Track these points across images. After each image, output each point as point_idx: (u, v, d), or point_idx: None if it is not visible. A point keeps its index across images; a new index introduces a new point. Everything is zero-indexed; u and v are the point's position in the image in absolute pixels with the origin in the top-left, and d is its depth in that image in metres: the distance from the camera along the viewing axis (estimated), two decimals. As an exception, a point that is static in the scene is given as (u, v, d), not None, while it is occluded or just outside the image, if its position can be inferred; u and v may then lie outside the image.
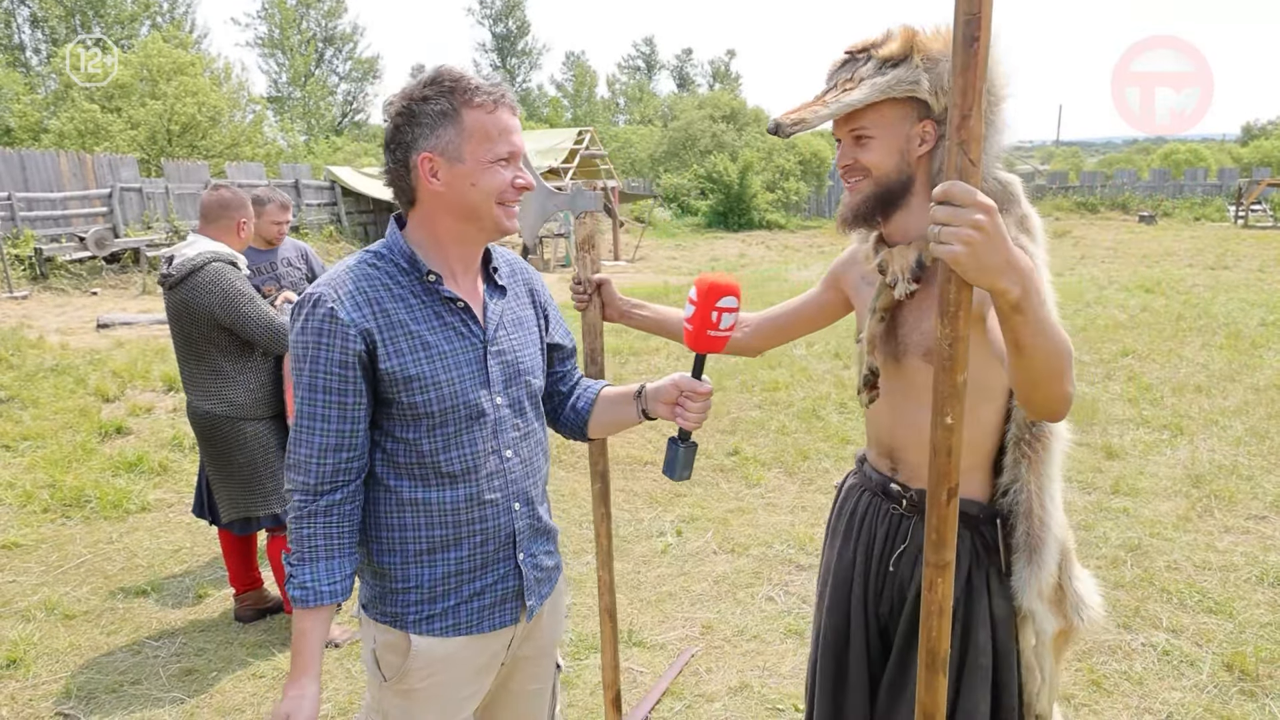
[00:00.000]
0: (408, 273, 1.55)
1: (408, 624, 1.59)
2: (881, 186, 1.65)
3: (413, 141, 1.49)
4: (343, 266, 1.54)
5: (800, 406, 6.91)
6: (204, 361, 3.34)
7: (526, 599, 1.69)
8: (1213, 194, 31.36)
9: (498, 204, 1.53)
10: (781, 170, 29.33)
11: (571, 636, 3.59)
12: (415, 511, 1.57)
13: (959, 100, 1.09)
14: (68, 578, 4.20)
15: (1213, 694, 3.11)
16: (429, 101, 1.47)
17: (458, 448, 1.57)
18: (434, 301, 1.56)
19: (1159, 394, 7.09)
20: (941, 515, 1.25)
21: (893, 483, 1.82)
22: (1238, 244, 20.23)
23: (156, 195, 16.61)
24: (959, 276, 1.16)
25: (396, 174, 1.54)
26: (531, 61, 62.70)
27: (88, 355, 8.65)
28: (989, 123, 1.60)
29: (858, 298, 1.91)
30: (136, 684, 3.32)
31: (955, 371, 1.18)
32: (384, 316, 1.50)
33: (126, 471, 5.53)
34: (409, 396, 1.52)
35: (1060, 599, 1.75)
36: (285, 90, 47.66)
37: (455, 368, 1.55)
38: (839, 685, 1.89)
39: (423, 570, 1.59)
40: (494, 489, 1.62)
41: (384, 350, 1.49)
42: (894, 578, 1.81)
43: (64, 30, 34.33)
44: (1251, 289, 12.81)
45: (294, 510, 1.53)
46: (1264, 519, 4.64)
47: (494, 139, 1.50)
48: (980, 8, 1.05)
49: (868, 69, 1.58)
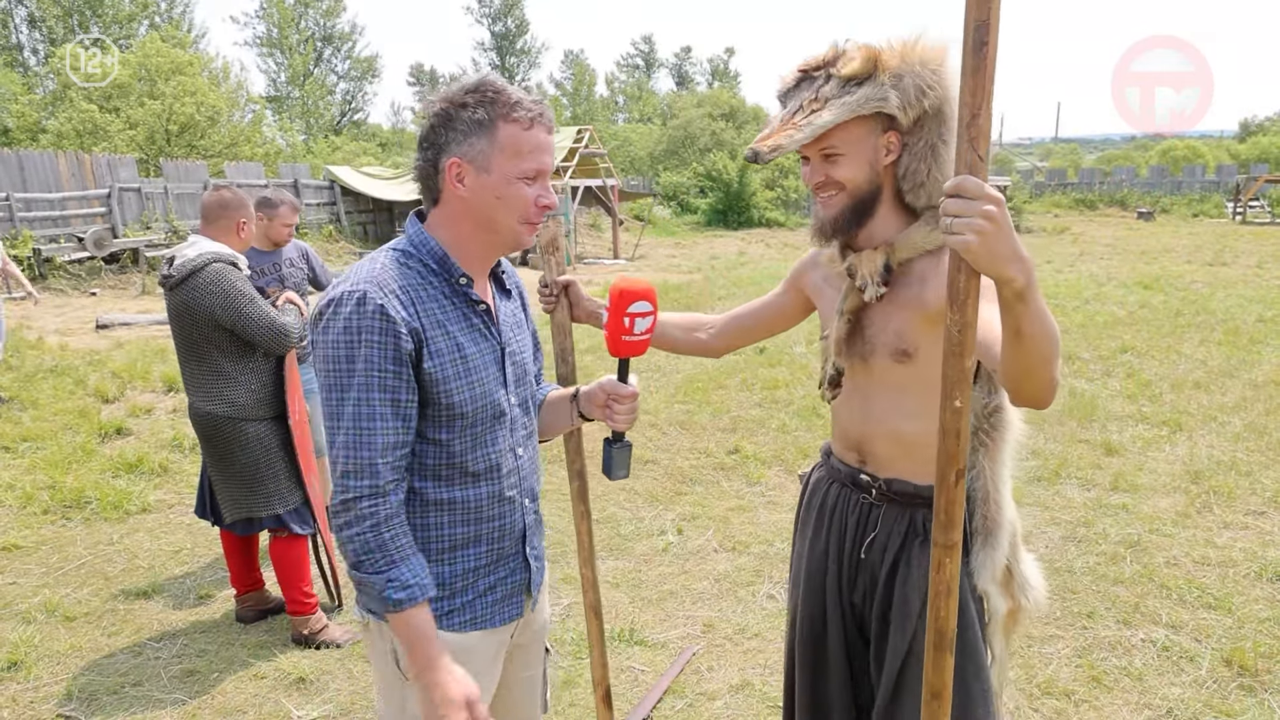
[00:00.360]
0: (437, 273, 1.57)
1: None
2: (855, 199, 1.72)
3: (445, 144, 1.51)
4: (377, 264, 1.54)
5: (800, 404, 6.92)
6: (205, 362, 3.34)
7: (533, 590, 1.77)
8: (1211, 190, 31.43)
9: (520, 221, 1.56)
10: (780, 168, 29.33)
11: (573, 635, 3.59)
12: (439, 511, 1.60)
13: (968, 100, 1.15)
14: (68, 579, 4.20)
15: (1212, 689, 3.12)
16: (467, 109, 1.49)
17: (483, 447, 1.61)
18: (462, 303, 1.59)
19: (1158, 390, 7.10)
20: (950, 497, 1.29)
21: (862, 473, 1.89)
22: (1236, 240, 20.26)
23: (155, 195, 16.61)
24: (969, 265, 1.20)
25: (425, 172, 1.56)
26: (530, 60, 62.73)
27: (87, 356, 8.65)
28: (951, 129, 1.67)
29: (820, 299, 1.97)
30: (138, 685, 3.33)
31: (964, 356, 1.23)
32: (428, 316, 1.52)
33: (127, 473, 5.53)
34: (448, 397, 1.53)
35: (1009, 580, 1.85)
36: (284, 89, 47.70)
37: (483, 368, 1.59)
38: (819, 672, 1.98)
39: (443, 569, 1.62)
40: (512, 486, 1.68)
41: (427, 350, 1.51)
42: (866, 565, 1.88)
43: (62, 30, 34.32)
44: (1249, 285, 12.83)
45: (365, 517, 1.47)
46: (1263, 514, 4.64)
47: (524, 155, 1.51)
48: (989, 14, 1.11)
49: (831, 88, 1.63)
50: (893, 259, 1.71)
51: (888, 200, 1.73)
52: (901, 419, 1.80)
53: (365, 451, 1.47)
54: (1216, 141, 48.38)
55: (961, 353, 1.23)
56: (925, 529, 1.81)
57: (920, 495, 1.82)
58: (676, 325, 2.20)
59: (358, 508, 1.47)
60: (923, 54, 1.62)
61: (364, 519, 1.47)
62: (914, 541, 1.82)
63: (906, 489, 1.83)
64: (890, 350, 1.75)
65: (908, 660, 1.80)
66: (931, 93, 1.62)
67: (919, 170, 1.68)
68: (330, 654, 3.50)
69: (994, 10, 1.11)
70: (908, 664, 1.80)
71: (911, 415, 1.78)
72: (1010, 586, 1.86)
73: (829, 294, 1.91)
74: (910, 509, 1.83)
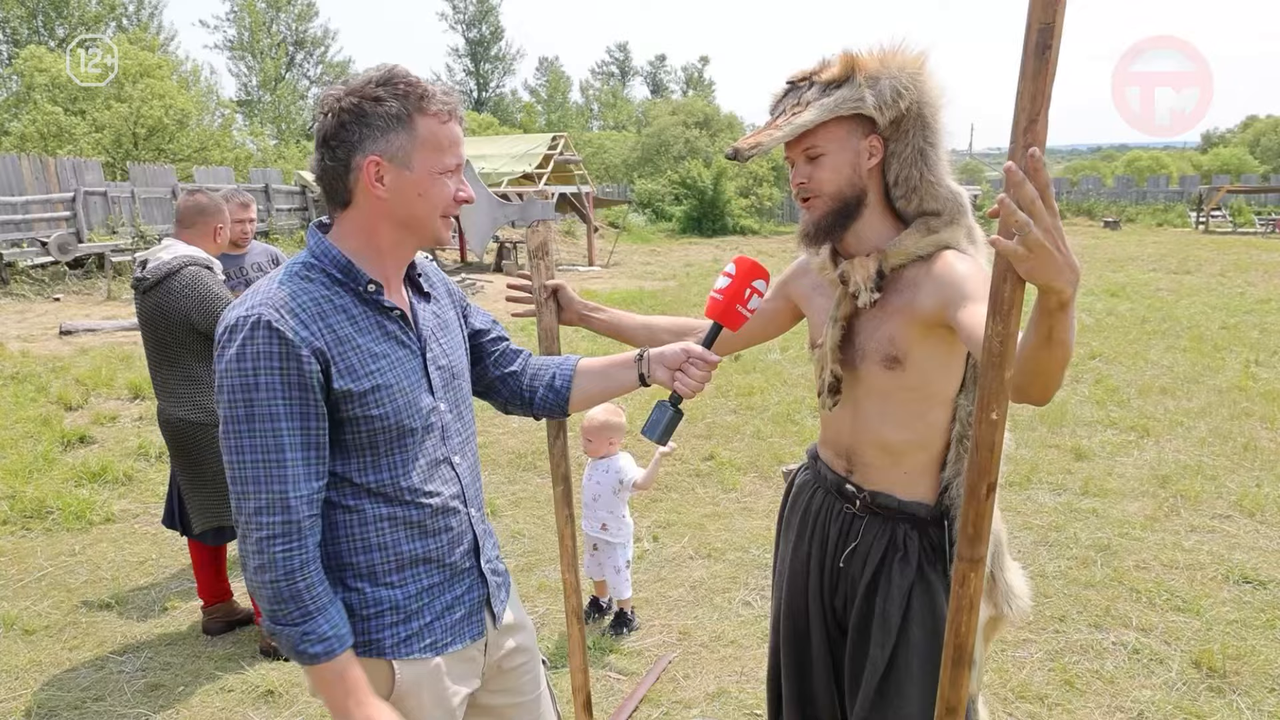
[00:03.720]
0: (343, 283, 1.47)
1: (385, 649, 1.52)
2: (838, 202, 1.74)
3: (359, 142, 1.41)
4: (272, 282, 1.44)
5: (775, 411, 6.93)
6: (177, 367, 3.29)
7: (495, 606, 1.69)
8: (1175, 200, 31.98)
9: (440, 216, 1.50)
10: (755, 176, 29.47)
11: (548, 645, 3.56)
12: (380, 530, 1.51)
13: (1027, 105, 1.09)
14: (28, 591, 4.10)
15: (1182, 691, 3.15)
16: (382, 103, 1.41)
17: (415, 460, 1.53)
18: (374, 312, 1.50)
19: (1125, 396, 7.19)
20: (980, 510, 1.28)
21: (848, 483, 1.90)
22: (1199, 249, 20.63)
23: (122, 199, 16.34)
24: (1014, 275, 1.16)
25: (333, 173, 1.45)
26: (505, 67, 62.63)
27: (49, 362, 8.49)
28: (935, 131, 1.72)
29: (809, 306, 1.98)
30: (100, 700, 3.25)
31: (1004, 368, 1.20)
32: (331, 333, 1.42)
33: (90, 482, 5.42)
34: (365, 411, 1.44)
35: (991, 588, 1.88)
36: (255, 94, 47.19)
37: (404, 377, 1.51)
38: (804, 671, 2.02)
39: (395, 591, 1.53)
40: (453, 496, 1.60)
41: (336, 369, 1.41)
42: (846, 573, 1.90)
43: (26, 31, 33.76)
44: (1213, 293, 13.06)
45: (279, 564, 1.37)
46: (1229, 518, 4.71)
47: (444, 149, 1.46)
48: (1054, 17, 1.06)
49: (812, 93, 1.70)
50: (885, 265, 1.73)
51: (874, 205, 1.76)
52: (889, 427, 1.80)
53: (276, 485, 1.37)
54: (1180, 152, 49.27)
55: (1002, 364, 1.19)
56: (906, 545, 1.82)
57: (904, 511, 1.83)
58: (666, 329, 2.18)
59: (270, 551, 1.37)
60: (902, 60, 1.67)
61: (277, 566, 1.37)
62: (894, 556, 1.83)
63: (890, 503, 1.83)
64: (881, 356, 1.77)
65: (888, 673, 1.80)
66: (908, 94, 1.65)
67: (911, 176, 1.71)
68: (299, 666, 3.44)
69: (1059, 13, 1.06)
70: (888, 677, 1.80)
71: (899, 423, 1.79)
72: (994, 594, 1.87)
73: (819, 302, 1.93)
74: (892, 523, 1.84)
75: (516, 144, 20.51)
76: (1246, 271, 15.81)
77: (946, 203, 1.73)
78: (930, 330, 1.71)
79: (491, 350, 1.83)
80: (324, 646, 1.41)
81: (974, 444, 1.25)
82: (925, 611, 1.80)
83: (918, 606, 1.80)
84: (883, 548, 1.84)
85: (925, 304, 1.68)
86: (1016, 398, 1.44)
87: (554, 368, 1.84)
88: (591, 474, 3.70)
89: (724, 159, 1.82)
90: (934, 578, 1.81)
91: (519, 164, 18.92)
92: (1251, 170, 37.93)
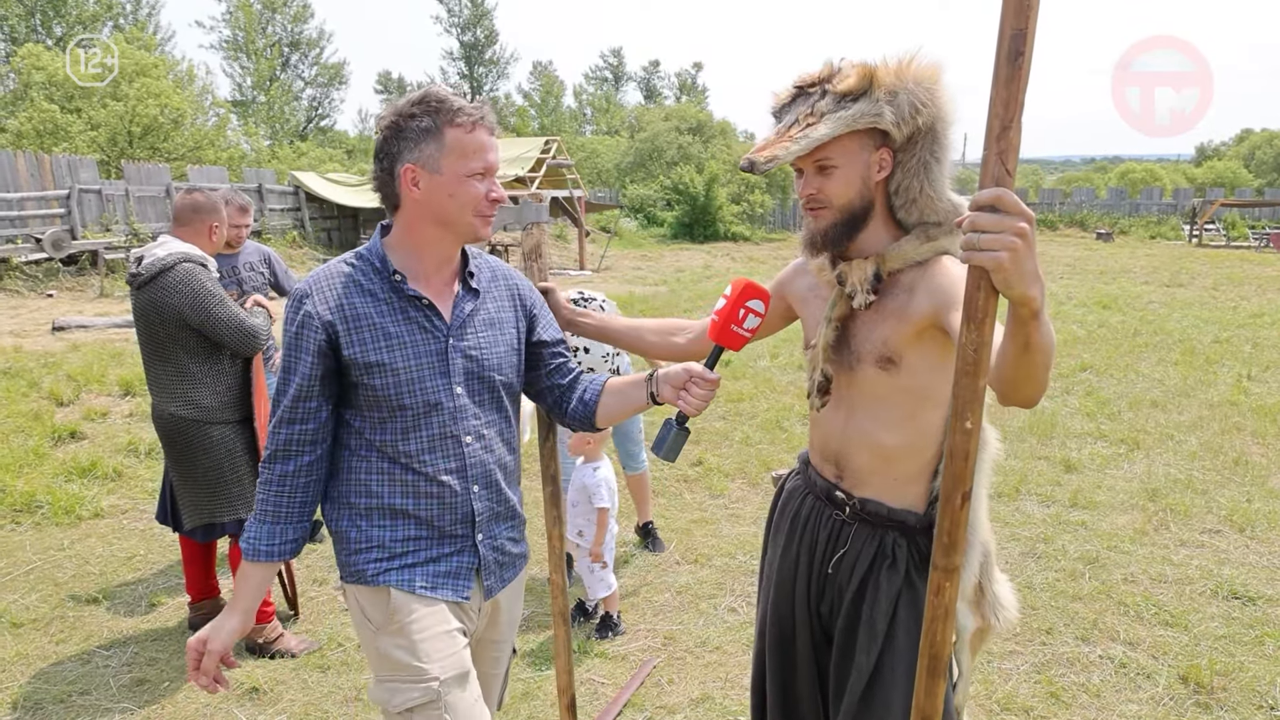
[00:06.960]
0: (379, 272, 1.74)
1: (366, 577, 1.75)
2: (847, 214, 1.75)
3: (398, 153, 1.68)
4: (325, 266, 1.76)
5: (764, 418, 6.94)
6: (171, 363, 3.29)
7: (484, 578, 1.85)
8: (1168, 213, 32.07)
9: (474, 215, 1.71)
10: (747, 183, 29.47)
11: (532, 647, 3.55)
12: (381, 481, 1.75)
13: (1000, 112, 1.11)
14: (16, 585, 4.08)
15: (1169, 706, 3.15)
16: (415, 119, 1.66)
17: (415, 430, 1.74)
18: (400, 298, 1.74)
19: (1116, 409, 7.21)
20: (954, 519, 1.29)
21: (837, 490, 1.90)
22: (1192, 262, 20.71)
23: (116, 197, 16.29)
24: (988, 283, 1.18)
25: (382, 181, 1.73)
26: (499, 70, 62.62)
27: (42, 358, 8.46)
28: (944, 146, 1.71)
29: (805, 308, 1.99)
30: (85, 694, 3.24)
31: (978, 376, 1.21)
32: (350, 309, 1.70)
33: (80, 477, 5.41)
34: (369, 379, 1.70)
35: (979, 599, 1.88)
36: (249, 94, 47.10)
37: (415, 358, 1.73)
38: (788, 677, 2.02)
39: (383, 532, 1.76)
40: (449, 471, 1.77)
41: (346, 340, 1.69)
42: (834, 579, 1.91)
43: (24, 30, 33.68)
44: (1205, 306, 13.11)
45: (260, 473, 1.75)
46: (1218, 533, 4.72)
47: (469, 155, 1.68)
48: (1027, 24, 1.07)
49: (826, 104, 1.67)
50: (883, 268, 1.74)
51: (879, 215, 1.77)
52: (882, 430, 1.81)
53: (270, 421, 1.74)
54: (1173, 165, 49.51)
55: (975, 372, 1.21)
56: (894, 552, 1.83)
57: (893, 519, 1.83)
58: (651, 329, 2.19)
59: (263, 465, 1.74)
60: (917, 72, 1.65)
61: (261, 474, 1.75)
62: (882, 564, 1.83)
63: (880, 510, 1.84)
64: (875, 358, 1.77)
65: (873, 681, 1.81)
66: (925, 110, 1.64)
67: (911, 187, 1.72)
68: (285, 664, 3.43)
69: (1031, 19, 1.07)
70: (873, 685, 1.81)
71: (892, 426, 1.80)
72: (981, 605, 1.88)
73: (815, 303, 1.93)
74: (881, 531, 1.84)
75: (509, 147, 20.51)
76: (1240, 285, 15.88)
77: (947, 215, 1.73)
78: (924, 333, 1.72)
79: (550, 362, 2.00)
80: (248, 545, 1.74)
81: (948, 453, 1.26)
82: (912, 620, 1.79)
83: (904, 614, 1.80)
84: (871, 555, 1.84)
85: (920, 307, 1.70)
86: (1006, 401, 1.46)
87: (588, 384, 2.01)
88: (575, 478, 3.70)
89: (740, 170, 1.82)
90: (922, 586, 1.81)
91: (511, 167, 18.93)
92: (1246, 184, 38.10)
